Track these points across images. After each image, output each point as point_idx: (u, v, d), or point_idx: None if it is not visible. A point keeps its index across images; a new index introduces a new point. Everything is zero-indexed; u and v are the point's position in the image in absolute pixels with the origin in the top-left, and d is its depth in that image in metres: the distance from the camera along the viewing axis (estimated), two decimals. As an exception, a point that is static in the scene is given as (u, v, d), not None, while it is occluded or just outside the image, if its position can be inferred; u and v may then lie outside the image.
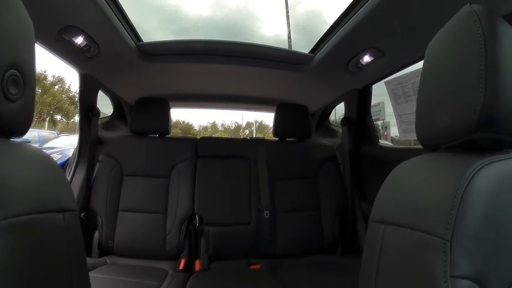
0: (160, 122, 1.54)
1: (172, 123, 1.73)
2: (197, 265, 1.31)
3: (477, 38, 0.43)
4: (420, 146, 0.55)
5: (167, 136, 1.59)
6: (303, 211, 1.50)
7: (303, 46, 1.50)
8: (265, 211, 1.43)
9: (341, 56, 1.30)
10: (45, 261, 0.37)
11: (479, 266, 0.38)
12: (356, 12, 1.01)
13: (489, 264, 0.39)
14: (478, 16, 0.44)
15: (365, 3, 0.96)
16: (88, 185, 1.42)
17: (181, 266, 1.28)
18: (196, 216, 1.41)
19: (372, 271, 0.48)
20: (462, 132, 0.45)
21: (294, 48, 1.42)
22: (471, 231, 0.38)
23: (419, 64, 1.18)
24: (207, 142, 1.59)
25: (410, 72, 1.37)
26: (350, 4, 1.03)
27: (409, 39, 1.07)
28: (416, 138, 0.56)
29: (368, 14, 0.97)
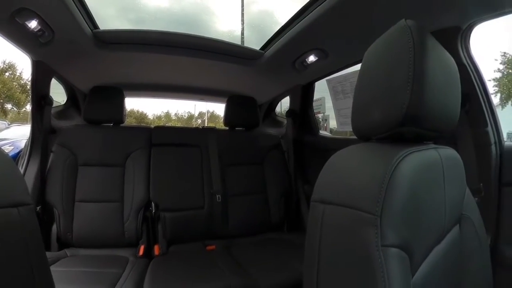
0: (115, 111, 1.51)
1: (127, 112, 1.70)
2: (156, 250, 1.34)
3: (408, 48, 0.50)
4: (355, 137, 0.61)
5: (121, 125, 1.59)
6: (251, 194, 1.63)
7: (254, 43, 1.54)
8: (217, 195, 1.52)
9: (289, 55, 1.39)
10: (3, 259, 0.37)
11: (404, 236, 0.45)
12: (306, 17, 1.10)
13: (412, 234, 0.46)
14: (410, 30, 0.50)
15: (313, 10, 1.06)
16: (42, 177, 1.36)
17: (141, 252, 1.31)
18: (152, 203, 1.43)
19: (315, 245, 0.52)
20: (390, 126, 0.52)
21: (246, 44, 1.45)
22: (397, 208, 0.44)
23: (357, 66, 1.31)
24: (161, 131, 1.61)
25: (349, 72, 1.55)
26: (301, 9, 1.12)
27: (350, 44, 1.20)
28: (351, 130, 0.62)
29: (315, 19, 1.06)
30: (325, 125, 2.33)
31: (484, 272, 0.73)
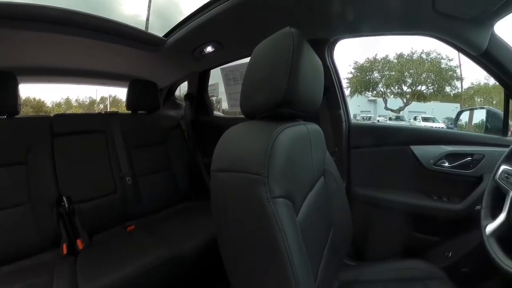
0: (7, 100, 1.26)
1: (22, 101, 1.38)
2: (79, 244, 1.24)
3: (289, 49, 0.60)
4: (243, 116, 0.70)
5: (16, 116, 1.31)
6: (159, 172, 1.67)
7: (158, 29, 1.54)
8: (127, 178, 1.51)
9: (189, 44, 1.48)
10: None
11: (286, 189, 0.55)
12: (207, 12, 1.19)
13: (292, 186, 0.58)
14: (292, 36, 0.61)
15: (215, 7, 1.15)
16: None
17: (65, 251, 1.20)
18: (64, 197, 1.28)
19: (220, 207, 0.59)
20: (271, 107, 0.62)
21: (150, 31, 1.44)
22: (278, 169, 0.54)
23: (247, 59, 1.42)
24: (62, 120, 1.45)
25: (240, 63, 1.77)
26: (204, 4, 1.19)
27: (242, 41, 1.35)
28: (240, 110, 0.70)
29: (216, 15, 1.16)
30: (219, 106, 2.49)
31: (344, 205, 0.98)
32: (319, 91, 0.74)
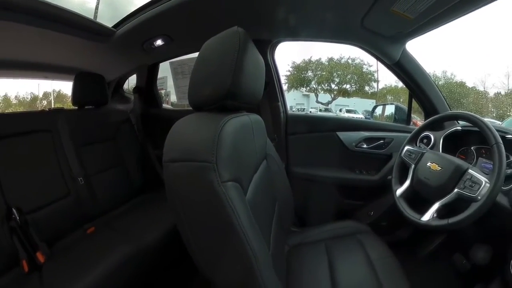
0: None
1: None
2: (40, 257, 1.10)
3: (235, 47, 0.62)
4: (191, 108, 0.71)
5: None
6: (111, 168, 1.58)
7: (107, 19, 1.41)
8: (79, 178, 1.38)
9: (139, 36, 1.43)
10: None
11: (234, 173, 0.57)
12: (159, 5, 1.17)
13: (239, 170, 0.60)
14: (239, 35, 0.63)
15: (166, 1, 1.13)
16: None
17: (26, 268, 1.05)
18: (13, 209, 1.10)
19: (175, 196, 0.60)
20: (217, 100, 0.64)
21: (98, 20, 1.31)
22: (226, 155, 0.56)
23: (196, 54, 1.54)
24: (1, 120, 1.25)
25: (188, 58, 1.77)
26: None
27: (191, 36, 1.36)
28: (188, 103, 0.70)
29: (167, 9, 1.15)
30: (167, 99, 2.47)
31: (285, 183, 1.11)
32: (261, 86, 0.78)
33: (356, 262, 0.98)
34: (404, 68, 1.34)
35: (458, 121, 1.24)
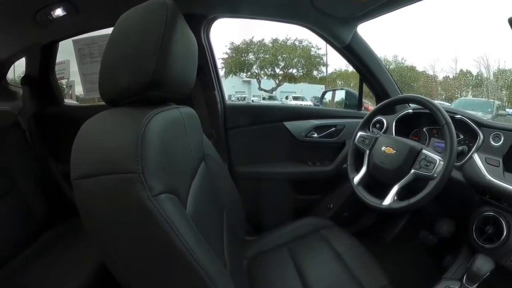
0: None
1: None
2: None
3: (161, 22, 0.59)
4: (103, 103, 0.66)
5: None
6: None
7: None
8: None
9: (30, 3, 1.28)
10: None
11: (167, 182, 0.54)
12: None
13: (172, 179, 0.57)
14: (167, 7, 0.60)
15: None
16: None
17: None
18: None
19: (96, 224, 0.54)
20: (138, 91, 0.60)
21: None
22: (154, 162, 0.52)
23: (109, 30, 1.34)
24: None
25: (99, 35, 1.64)
26: None
27: (104, 5, 1.28)
28: (99, 96, 0.65)
29: None
30: (70, 92, 2.28)
31: (230, 186, 1.13)
32: (193, 71, 0.76)
33: (324, 260, 1.07)
34: (355, 52, 1.50)
35: (409, 104, 1.46)
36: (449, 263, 1.12)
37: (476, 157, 1.06)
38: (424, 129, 1.34)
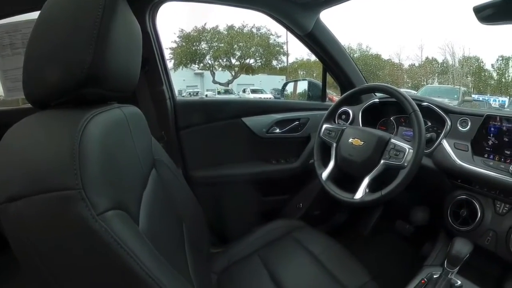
0: None
1: None
2: None
3: (98, 5, 0.55)
4: (29, 105, 0.60)
5: None
6: None
7: None
8: None
9: None
10: None
11: (114, 197, 0.51)
12: None
13: (119, 192, 0.54)
14: None
15: None
16: None
17: None
18: None
19: (32, 256, 0.49)
20: (71, 88, 0.55)
21: None
22: (96, 174, 0.49)
23: (34, 14, 1.27)
24: None
25: (22, 21, 1.50)
26: None
27: None
28: (24, 97, 0.60)
29: None
30: None
31: (187, 194, 1.08)
32: (137, 64, 0.73)
33: (300, 263, 1.10)
34: (317, 40, 1.54)
35: (375, 94, 1.53)
36: (429, 250, 1.21)
37: (445, 143, 1.16)
38: (391, 118, 1.43)
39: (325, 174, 1.22)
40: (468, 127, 1.15)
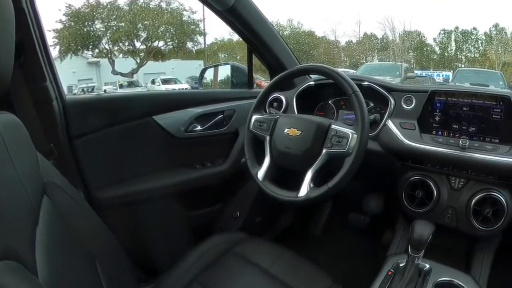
0: None
1: None
2: None
3: None
4: None
5: None
6: None
7: None
8: None
9: None
10: None
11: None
12: None
13: (3, 236, 0.52)
14: None
15: None
16: None
17: None
18: None
19: None
20: None
21: None
22: None
23: None
24: None
25: None
26: None
27: None
28: None
29: None
30: None
31: (92, 221, 1.00)
32: (7, 53, 0.68)
33: (250, 282, 1.11)
34: (240, 16, 1.53)
35: (310, 76, 1.59)
36: (389, 239, 1.32)
37: (390, 124, 1.27)
38: (329, 102, 1.50)
39: (260, 173, 1.23)
40: (413, 104, 1.26)
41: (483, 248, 1.26)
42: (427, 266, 1.09)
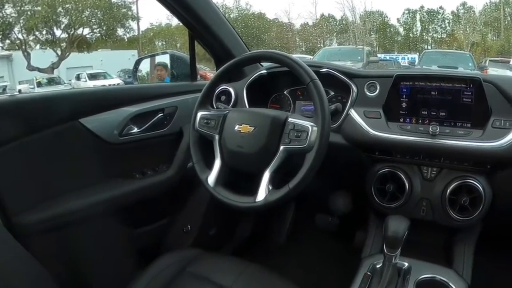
0: None
1: None
2: None
3: None
4: None
5: None
6: None
7: None
8: None
9: None
10: None
11: None
12: None
13: None
14: None
15: None
16: None
17: None
18: None
19: None
20: None
21: None
22: None
23: None
24: None
25: None
26: None
27: None
28: None
29: None
30: None
31: (13, 252, 0.97)
32: None
33: None
34: None
35: (262, 64, 1.58)
36: (362, 239, 1.35)
37: (353, 113, 1.28)
38: (285, 93, 1.51)
39: (211, 178, 1.21)
40: (377, 91, 1.29)
41: (463, 239, 1.31)
42: (406, 264, 1.12)
